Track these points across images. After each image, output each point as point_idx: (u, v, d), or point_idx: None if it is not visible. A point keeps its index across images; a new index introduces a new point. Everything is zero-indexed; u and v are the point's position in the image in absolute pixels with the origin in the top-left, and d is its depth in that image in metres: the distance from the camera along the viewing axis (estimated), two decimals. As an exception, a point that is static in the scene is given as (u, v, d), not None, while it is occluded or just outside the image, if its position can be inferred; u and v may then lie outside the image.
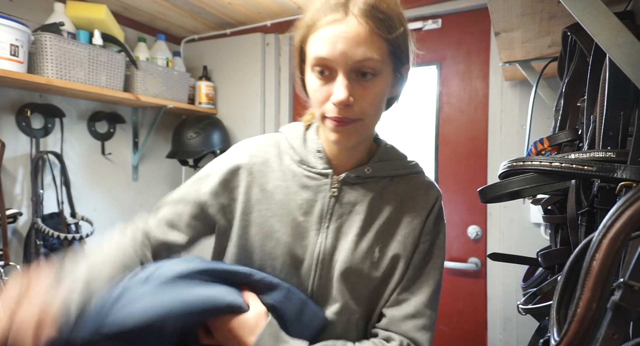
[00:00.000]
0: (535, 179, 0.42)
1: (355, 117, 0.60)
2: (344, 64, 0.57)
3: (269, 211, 0.67)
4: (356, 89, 0.58)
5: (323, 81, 0.59)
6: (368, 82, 0.59)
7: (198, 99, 2.02)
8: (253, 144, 0.74)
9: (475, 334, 1.64)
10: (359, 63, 0.57)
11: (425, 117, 1.75)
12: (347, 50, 0.56)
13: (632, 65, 0.38)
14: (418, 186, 0.73)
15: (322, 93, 0.60)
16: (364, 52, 0.57)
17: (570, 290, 0.40)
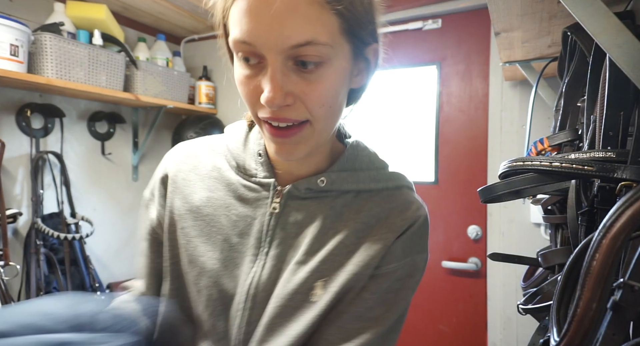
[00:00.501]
0: (535, 179, 0.42)
1: (299, 118, 0.45)
2: (273, 49, 0.41)
3: (193, 229, 0.53)
4: (296, 83, 0.43)
5: (250, 70, 0.44)
6: (311, 73, 0.43)
7: (198, 99, 2.02)
8: (185, 148, 0.60)
9: (475, 334, 1.64)
10: (295, 49, 0.41)
11: (425, 117, 1.75)
12: (275, 30, 0.40)
13: (632, 65, 0.38)
14: (393, 206, 0.53)
15: (250, 87, 0.44)
16: (302, 33, 0.40)
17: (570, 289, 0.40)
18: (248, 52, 0.43)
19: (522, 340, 1.50)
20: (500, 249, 1.54)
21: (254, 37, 0.41)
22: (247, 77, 0.44)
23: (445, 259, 1.67)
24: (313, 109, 0.44)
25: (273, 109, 0.43)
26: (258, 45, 0.41)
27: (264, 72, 0.43)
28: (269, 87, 0.42)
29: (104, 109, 1.76)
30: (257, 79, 0.44)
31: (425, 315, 1.72)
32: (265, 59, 0.42)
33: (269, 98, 0.42)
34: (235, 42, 0.43)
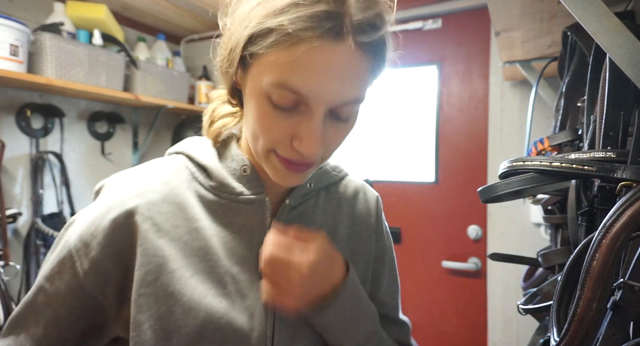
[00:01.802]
0: (535, 179, 0.42)
1: (317, 163, 0.47)
2: (327, 105, 0.40)
3: (187, 270, 0.45)
4: (328, 130, 0.43)
5: (281, 112, 0.41)
6: (343, 123, 0.44)
7: (198, 99, 2.02)
8: (136, 178, 0.49)
9: (475, 334, 1.64)
10: (344, 106, 0.42)
11: (425, 117, 1.75)
12: (339, 89, 0.40)
13: (632, 65, 0.38)
14: (355, 191, 0.62)
15: (280, 128, 0.42)
16: (355, 92, 0.41)
17: (570, 289, 0.40)
18: (290, 101, 0.40)
19: (522, 340, 1.50)
20: (500, 249, 1.54)
21: (311, 90, 0.39)
22: (276, 117, 0.42)
23: (445, 259, 1.67)
24: (332, 151, 0.46)
25: (310, 158, 0.42)
26: (312, 98, 0.40)
27: (302, 118, 0.41)
28: (314, 138, 0.41)
29: (103, 109, 1.76)
30: (288, 122, 0.42)
31: (425, 315, 1.72)
32: (306, 106, 0.41)
33: (313, 150, 0.41)
34: (277, 86, 0.39)
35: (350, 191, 0.61)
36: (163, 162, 0.52)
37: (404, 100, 1.80)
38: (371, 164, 1.86)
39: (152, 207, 0.46)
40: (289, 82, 0.39)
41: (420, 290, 1.73)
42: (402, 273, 1.76)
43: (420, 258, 1.74)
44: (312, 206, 0.55)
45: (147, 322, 0.43)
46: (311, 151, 0.41)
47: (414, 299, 1.73)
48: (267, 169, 0.46)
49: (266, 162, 0.46)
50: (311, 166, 0.46)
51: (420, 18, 1.71)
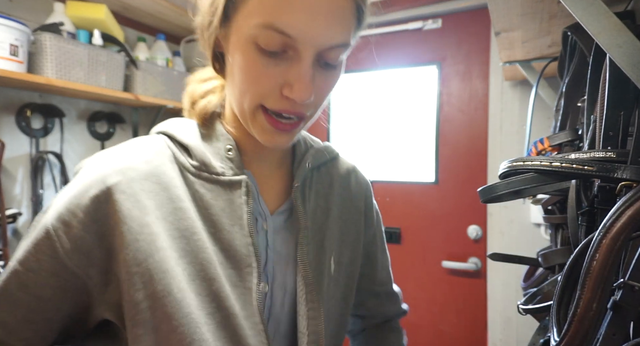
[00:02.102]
0: (535, 179, 0.42)
1: (308, 114, 0.45)
2: (314, 46, 0.39)
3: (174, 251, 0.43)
4: (317, 79, 0.42)
5: (271, 59, 0.40)
6: (330, 71, 0.44)
7: (198, 99, 2.02)
8: (117, 156, 0.46)
9: (475, 334, 1.64)
10: (331, 49, 0.41)
11: (425, 117, 1.75)
12: (327, 31, 0.39)
13: (632, 65, 0.38)
14: (347, 172, 0.63)
15: (268, 77, 0.41)
16: (343, 36, 0.41)
17: (570, 290, 0.40)
18: (278, 44, 0.39)
19: (522, 340, 1.50)
20: (500, 249, 1.54)
21: (299, 31, 0.38)
22: (264, 65, 0.40)
23: (445, 259, 1.67)
24: (320, 102, 0.45)
25: (302, 103, 0.42)
26: (300, 39, 0.39)
27: (292, 64, 0.40)
28: (304, 82, 0.40)
29: (103, 109, 1.76)
30: (277, 70, 0.41)
31: (425, 315, 1.72)
32: (295, 51, 0.40)
33: (303, 95, 0.40)
34: (264, 28, 0.38)
35: (342, 172, 0.62)
36: (145, 142, 0.49)
37: (404, 100, 1.80)
38: (371, 164, 1.86)
39: (134, 184, 0.43)
40: (276, 22, 0.38)
41: (420, 290, 1.73)
42: (402, 273, 1.76)
43: (420, 258, 1.74)
44: (307, 187, 0.55)
45: (144, 302, 0.41)
46: (303, 95, 0.40)
47: (414, 299, 1.73)
48: (254, 130, 0.45)
49: (253, 123, 0.44)
50: (299, 122, 0.45)
51: (420, 18, 1.71)
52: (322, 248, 0.53)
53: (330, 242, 0.55)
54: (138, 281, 0.41)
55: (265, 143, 0.45)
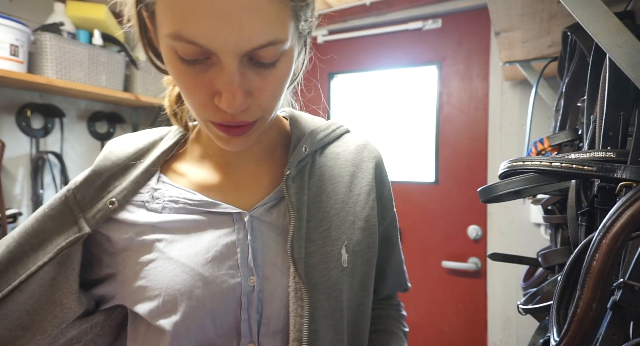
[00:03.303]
0: (535, 179, 0.42)
1: (254, 118, 0.42)
2: (232, 52, 0.35)
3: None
4: (251, 79, 0.39)
5: (193, 67, 0.38)
6: (268, 67, 0.39)
7: (198, 99, 2.02)
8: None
9: (475, 334, 1.64)
10: (259, 50, 0.36)
11: (425, 117, 1.75)
12: (234, 32, 0.34)
13: (632, 65, 0.38)
14: (357, 149, 0.58)
15: (199, 87, 0.38)
16: (264, 34, 0.35)
17: (570, 289, 0.40)
18: (194, 53, 0.36)
19: (522, 340, 1.50)
20: (500, 249, 1.54)
21: (208, 39, 0.34)
22: (190, 74, 0.38)
23: (445, 259, 1.67)
24: (266, 103, 0.41)
25: (235, 113, 0.39)
26: (212, 48, 0.35)
27: (216, 71, 0.37)
28: (230, 91, 0.37)
29: (104, 109, 1.76)
30: (205, 78, 0.38)
31: (425, 315, 1.72)
32: (217, 57, 0.36)
33: (232, 104, 0.37)
34: (175, 38, 0.35)
35: (351, 149, 0.57)
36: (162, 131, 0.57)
37: (404, 100, 1.80)
38: (371, 164, 1.86)
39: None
40: (183, 32, 0.34)
41: (420, 290, 1.73)
42: (402, 273, 1.76)
43: (420, 258, 1.74)
44: (307, 173, 0.52)
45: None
46: (231, 104, 0.37)
47: (414, 299, 1.73)
48: (212, 136, 0.45)
49: (209, 132, 0.44)
50: (250, 125, 0.42)
51: (420, 18, 1.71)
52: (328, 237, 0.50)
53: (339, 230, 0.51)
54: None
55: (226, 148, 0.45)
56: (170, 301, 0.44)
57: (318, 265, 0.48)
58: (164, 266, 0.46)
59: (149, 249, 0.47)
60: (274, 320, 0.47)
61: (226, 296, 0.46)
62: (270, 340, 0.47)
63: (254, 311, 0.46)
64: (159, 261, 0.46)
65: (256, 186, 0.52)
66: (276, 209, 0.51)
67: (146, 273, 0.46)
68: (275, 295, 0.47)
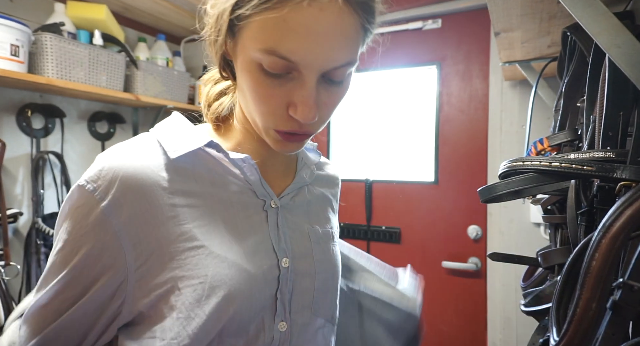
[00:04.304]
0: (535, 179, 0.43)
1: (315, 131, 0.47)
2: (319, 71, 0.40)
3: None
4: (322, 95, 0.43)
5: (274, 80, 0.41)
6: (336, 87, 0.44)
7: (198, 99, 2.02)
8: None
9: (475, 334, 1.64)
10: (336, 69, 0.41)
11: (425, 117, 1.75)
12: (330, 54, 0.39)
13: (632, 65, 0.38)
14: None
15: (274, 98, 0.42)
16: (348, 55, 0.41)
17: (569, 289, 0.40)
18: (281, 68, 0.40)
19: (521, 339, 1.50)
20: (500, 249, 1.54)
21: (301, 56, 0.39)
22: (269, 86, 0.42)
23: (445, 259, 1.68)
24: (327, 117, 0.46)
25: (307, 124, 0.43)
26: (302, 64, 0.39)
27: (296, 85, 0.41)
28: (308, 104, 0.41)
29: (104, 109, 1.76)
30: (282, 90, 0.42)
31: (425, 315, 1.72)
32: (298, 72, 0.41)
33: (307, 116, 0.41)
34: (267, 54, 0.39)
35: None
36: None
37: (404, 100, 1.80)
38: (371, 164, 1.86)
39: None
40: (277, 48, 0.38)
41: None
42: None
43: (420, 258, 1.74)
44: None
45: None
46: (307, 117, 0.41)
47: (414, 299, 1.73)
48: (267, 140, 0.48)
49: (267, 136, 0.47)
50: (310, 134, 0.48)
51: (420, 18, 1.71)
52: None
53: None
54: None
55: (277, 149, 0.48)
56: (213, 289, 0.44)
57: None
58: (206, 257, 0.45)
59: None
60: (304, 295, 0.52)
61: (267, 277, 0.48)
62: (300, 316, 0.52)
63: (286, 290, 0.50)
64: (199, 250, 0.44)
65: (283, 181, 0.58)
66: (298, 197, 0.58)
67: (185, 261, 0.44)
68: (304, 273, 0.53)
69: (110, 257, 0.42)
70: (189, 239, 0.44)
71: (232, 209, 0.49)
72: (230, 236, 0.47)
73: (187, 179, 0.46)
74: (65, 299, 0.44)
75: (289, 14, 0.37)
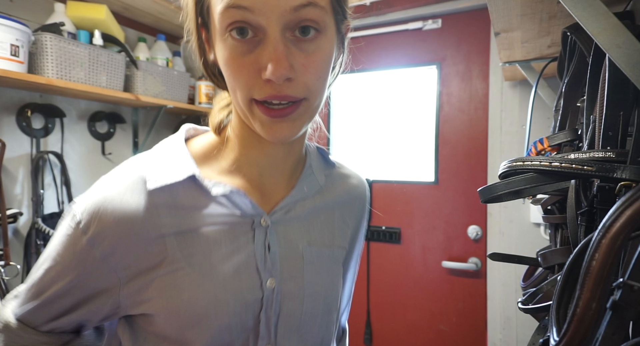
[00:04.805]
0: (535, 179, 0.42)
1: (299, 95, 0.42)
2: (277, 14, 0.39)
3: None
4: (295, 55, 0.41)
5: (244, 46, 0.40)
6: (310, 43, 0.42)
7: (198, 99, 2.02)
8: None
9: (475, 334, 1.64)
10: (297, 12, 0.39)
11: (425, 117, 1.75)
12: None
13: (632, 65, 0.38)
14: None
15: (244, 66, 0.41)
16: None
17: (569, 289, 0.40)
18: (245, 21, 0.39)
19: (521, 339, 1.50)
20: (500, 249, 1.54)
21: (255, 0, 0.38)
22: (240, 54, 0.41)
23: (445, 259, 1.67)
24: (311, 82, 0.43)
25: (278, 83, 0.40)
26: (256, 10, 0.38)
27: (262, 46, 0.40)
28: (274, 59, 0.39)
29: (104, 109, 1.76)
30: (252, 56, 0.41)
31: (425, 315, 1.72)
32: (262, 31, 0.40)
33: (276, 70, 0.39)
34: (226, 9, 0.39)
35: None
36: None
37: (404, 100, 1.80)
38: (371, 164, 1.86)
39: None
40: (231, 1, 0.39)
41: (420, 290, 1.73)
42: (402, 273, 1.76)
43: (420, 258, 1.74)
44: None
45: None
46: (277, 70, 0.39)
47: (414, 299, 1.73)
48: (255, 125, 0.45)
49: (252, 118, 0.44)
50: (295, 107, 0.43)
51: (420, 18, 1.71)
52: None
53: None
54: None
55: (268, 136, 0.44)
56: (198, 314, 0.45)
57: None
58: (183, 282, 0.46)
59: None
60: (291, 319, 0.50)
61: (247, 300, 0.47)
62: (286, 340, 0.49)
63: (272, 312, 0.48)
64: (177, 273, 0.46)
65: (283, 191, 0.54)
66: (295, 210, 0.54)
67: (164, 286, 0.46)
68: (292, 294, 0.50)
69: (96, 280, 0.46)
70: (169, 264, 0.45)
71: (216, 230, 0.48)
72: (213, 258, 0.47)
73: (169, 208, 0.46)
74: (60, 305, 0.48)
75: None
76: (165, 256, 0.45)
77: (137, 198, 0.45)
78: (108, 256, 0.44)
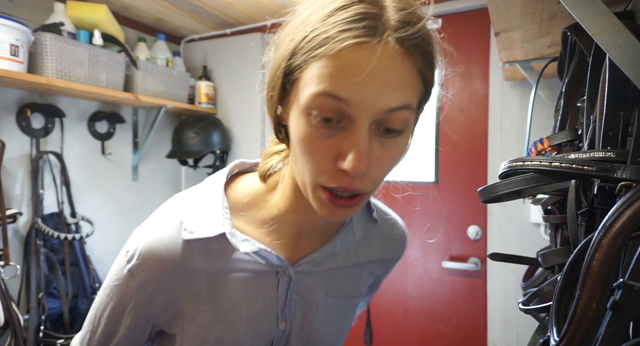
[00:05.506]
0: (535, 179, 0.42)
1: (365, 190, 0.42)
2: (369, 109, 0.37)
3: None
4: (374, 149, 0.39)
5: (326, 130, 0.39)
6: (391, 140, 0.41)
7: (198, 99, 2.02)
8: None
9: (475, 334, 1.64)
10: (389, 113, 0.38)
11: (425, 117, 1.75)
12: (377, 90, 0.37)
13: (632, 65, 0.38)
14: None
15: (323, 150, 0.39)
16: (402, 98, 0.38)
17: (570, 289, 0.40)
18: (332, 110, 0.38)
19: (522, 340, 1.50)
20: (500, 249, 1.54)
21: (351, 93, 0.36)
22: (320, 136, 0.39)
23: (445, 259, 1.67)
24: (379, 177, 0.43)
25: (353, 176, 0.38)
26: (352, 103, 0.37)
27: (345, 134, 0.38)
28: (357, 154, 0.37)
29: (104, 109, 1.76)
30: (332, 141, 0.39)
31: (425, 315, 1.72)
32: (348, 119, 0.38)
33: (357, 166, 0.37)
34: (318, 95, 0.37)
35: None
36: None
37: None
38: (371, 164, 1.86)
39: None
40: (327, 88, 0.37)
41: (420, 290, 1.73)
42: (402, 273, 1.76)
43: (421, 258, 1.74)
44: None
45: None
46: (356, 165, 0.37)
47: (414, 299, 1.73)
48: (314, 203, 0.44)
49: (313, 198, 0.44)
50: (359, 198, 0.43)
51: (420, 18, 1.71)
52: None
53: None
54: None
55: (324, 216, 0.44)
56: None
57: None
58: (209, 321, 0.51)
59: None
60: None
61: (263, 339, 0.53)
62: None
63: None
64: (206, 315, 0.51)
65: (316, 242, 0.56)
66: (323, 264, 0.56)
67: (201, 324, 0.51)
68: (298, 337, 0.55)
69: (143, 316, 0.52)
70: (199, 301, 0.50)
71: (243, 276, 0.51)
72: (239, 301, 0.51)
73: (202, 251, 0.50)
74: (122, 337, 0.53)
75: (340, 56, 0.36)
76: (195, 291, 0.50)
77: (176, 243, 0.49)
78: (153, 295, 0.50)
